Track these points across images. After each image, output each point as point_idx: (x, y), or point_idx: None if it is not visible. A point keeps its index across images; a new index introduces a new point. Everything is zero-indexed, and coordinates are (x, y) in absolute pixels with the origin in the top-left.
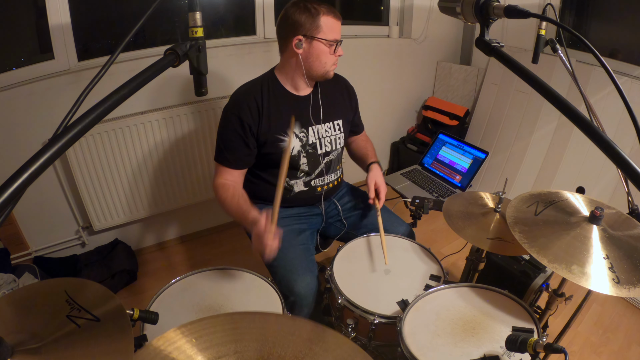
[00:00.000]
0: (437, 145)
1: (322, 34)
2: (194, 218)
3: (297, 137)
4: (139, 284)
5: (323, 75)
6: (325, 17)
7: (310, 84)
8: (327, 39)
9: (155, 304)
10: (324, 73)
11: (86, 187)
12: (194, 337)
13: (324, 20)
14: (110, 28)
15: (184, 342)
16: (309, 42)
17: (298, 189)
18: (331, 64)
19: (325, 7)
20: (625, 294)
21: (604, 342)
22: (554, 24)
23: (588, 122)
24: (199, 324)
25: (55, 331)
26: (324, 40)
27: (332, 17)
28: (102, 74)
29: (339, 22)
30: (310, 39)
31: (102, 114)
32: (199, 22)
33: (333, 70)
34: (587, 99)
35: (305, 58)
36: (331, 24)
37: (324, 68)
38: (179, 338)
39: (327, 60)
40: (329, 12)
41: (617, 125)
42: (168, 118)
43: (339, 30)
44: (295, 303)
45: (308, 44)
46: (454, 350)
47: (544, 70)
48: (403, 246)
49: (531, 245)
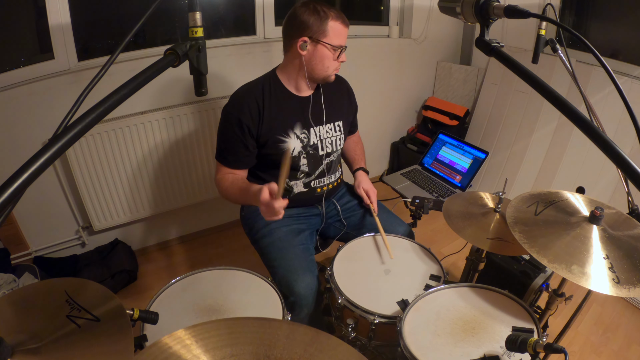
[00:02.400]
0: (437, 145)
1: (328, 38)
2: (194, 218)
3: (298, 138)
4: (139, 284)
5: (324, 79)
6: (333, 22)
7: (312, 85)
8: (332, 44)
9: (155, 304)
10: (325, 77)
11: (86, 187)
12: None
13: (331, 25)
14: (110, 28)
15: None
16: (314, 44)
17: (298, 190)
18: (333, 69)
19: (334, 11)
20: (625, 294)
21: (604, 342)
22: (554, 24)
23: (588, 122)
24: (196, 328)
25: (55, 331)
26: (329, 45)
27: (340, 22)
28: (102, 74)
29: (346, 29)
30: (315, 41)
31: (102, 114)
32: (199, 22)
33: (334, 75)
34: (587, 99)
35: (309, 60)
36: (338, 29)
37: (326, 72)
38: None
39: (330, 65)
40: (337, 17)
41: (617, 125)
42: (168, 118)
43: (345, 37)
44: (295, 303)
45: (313, 47)
46: (454, 350)
47: (544, 70)
48: (403, 246)
49: (531, 245)
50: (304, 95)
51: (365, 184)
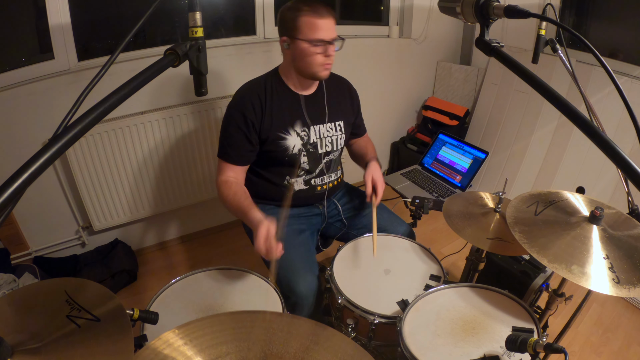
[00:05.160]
0: (437, 145)
1: (303, 34)
2: (194, 218)
3: (299, 136)
4: (139, 284)
5: (312, 76)
6: (305, 17)
7: (307, 83)
8: (308, 39)
9: (155, 304)
10: (313, 74)
11: (86, 187)
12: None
13: (303, 20)
14: (110, 28)
15: (182, 343)
16: (293, 42)
17: (298, 188)
18: (318, 64)
19: (308, 6)
20: (625, 294)
21: (604, 342)
22: (554, 24)
23: (588, 122)
24: (198, 323)
25: (55, 331)
26: (305, 41)
27: (313, 16)
28: (102, 74)
29: (326, 21)
30: (293, 39)
31: (102, 114)
32: (199, 22)
33: (324, 71)
34: (587, 99)
35: (292, 58)
36: (312, 23)
37: (311, 69)
38: (177, 339)
39: (312, 61)
40: (311, 11)
41: (617, 125)
42: (168, 118)
43: (327, 30)
44: (297, 304)
45: (293, 45)
46: (454, 350)
47: (544, 70)
48: (403, 246)
49: (531, 245)
50: (305, 93)
51: (376, 173)
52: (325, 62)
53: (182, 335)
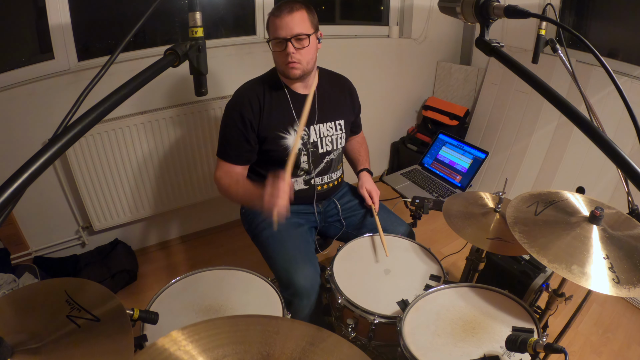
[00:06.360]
0: (437, 145)
1: (270, 34)
2: (194, 218)
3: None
4: (139, 284)
5: (285, 75)
6: (269, 17)
7: (304, 83)
8: (269, 38)
9: (155, 304)
10: (283, 73)
11: (86, 187)
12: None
13: (270, 21)
14: (110, 28)
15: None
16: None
17: (298, 187)
18: (282, 63)
19: (276, 5)
20: (625, 294)
21: (604, 342)
22: (554, 24)
23: (588, 122)
24: (198, 326)
25: (55, 331)
26: (269, 41)
27: (273, 16)
28: (102, 74)
29: (284, 19)
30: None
31: (102, 114)
32: (199, 22)
33: (290, 69)
34: (587, 99)
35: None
36: (272, 22)
37: (279, 68)
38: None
39: (277, 60)
40: (275, 10)
41: (617, 125)
42: (168, 118)
43: (285, 28)
44: (295, 295)
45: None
46: (454, 350)
47: (544, 70)
48: (403, 246)
49: (531, 245)
50: (304, 92)
51: (369, 184)
52: (287, 61)
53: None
